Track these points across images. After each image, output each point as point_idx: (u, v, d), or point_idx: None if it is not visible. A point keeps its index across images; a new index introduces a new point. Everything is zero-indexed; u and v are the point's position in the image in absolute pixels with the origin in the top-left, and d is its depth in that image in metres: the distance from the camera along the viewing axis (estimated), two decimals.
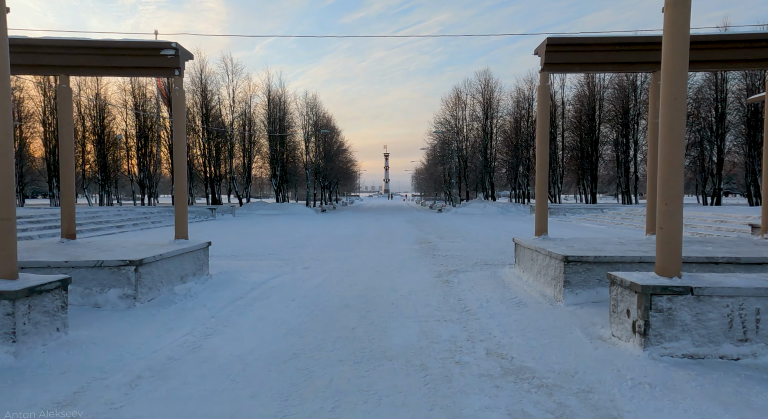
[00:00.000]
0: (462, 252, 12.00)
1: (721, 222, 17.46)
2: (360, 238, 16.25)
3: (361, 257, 11.15)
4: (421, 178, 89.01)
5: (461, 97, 47.33)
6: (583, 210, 28.45)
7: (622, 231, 18.58)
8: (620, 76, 39.55)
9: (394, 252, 12.20)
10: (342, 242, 14.92)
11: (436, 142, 53.38)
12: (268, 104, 42.87)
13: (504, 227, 21.53)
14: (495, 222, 26.38)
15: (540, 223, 8.26)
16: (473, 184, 49.61)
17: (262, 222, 27.13)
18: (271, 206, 40.58)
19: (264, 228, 21.31)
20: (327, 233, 18.64)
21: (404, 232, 18.89)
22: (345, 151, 59.42)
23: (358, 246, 13.53)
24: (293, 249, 12.96)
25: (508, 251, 12.14)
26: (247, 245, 13.88)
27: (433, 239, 15.78)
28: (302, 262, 10.24)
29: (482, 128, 46.50)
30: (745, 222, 15.70)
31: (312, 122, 44.45)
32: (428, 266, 9.66)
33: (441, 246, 13.44)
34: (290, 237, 16.80)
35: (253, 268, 9.32)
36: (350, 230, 20.28)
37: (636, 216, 22.96)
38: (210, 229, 20.74)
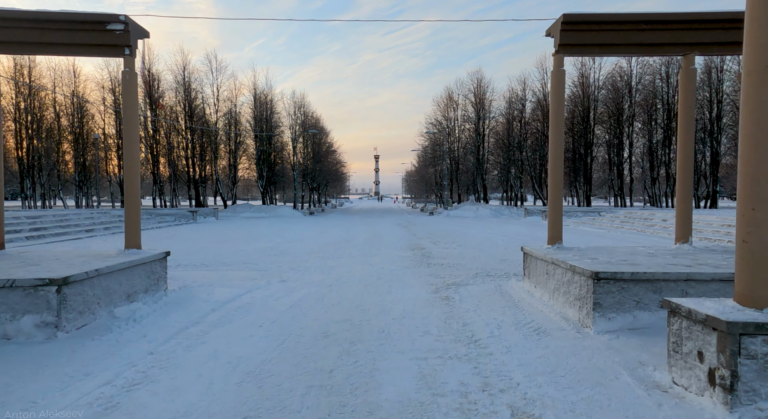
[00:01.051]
0: (459, 260, 10.86)
1: (728, 226, 16.56)
2: (348, 244, 15.04)
3: (348, 266, 9.94)
4: (411, 180, 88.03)
5: (453, 98, 46.40)
6: (579, 214, 27.55)
7: (626, 236, 17.61)
8: (614, 77, 38.92)
9: (385, 260, 11.02)
10: (328, 248, 13.70)
11: (428, 144, 52.41)
12: (254, 103, 41.48)
13: (500, 231, 20.47)
14: (489, 225, 25.33)
15: (554, 230, 7.14)
16: (465, 186, 48.65)
17: (246, 225, 25.78)
18: (257, 208, 39.18)
19: (246, 233, 19.99)
20: (313, 238, 17.40)
21: (395, 237, 17.72)
22: (334, 151, 58.17)
23: (346, 254, 12.32)
24: (273, 256, 11.71)
25: (509, 259, 11.03)
26: (222, 252, 12.59)
27: (426, 245, 14.62)
28: (280, 273, 9.00)
29: (474, 129, 45.58)
30: None
31: (300, 122, 43.15)
32: (423, 278, 8.49)
33: (435, 253, 12.28)
34: (272, 242, 15.53)
35: (222, 281, 8.07)
36: (338, 234, 19.06)
37: (636, 220, 22.06)
38: (186, 234, 19.37)
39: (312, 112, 47.12)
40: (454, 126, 46.87)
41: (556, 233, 7.09)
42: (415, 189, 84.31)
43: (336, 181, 71.96)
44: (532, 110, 43.26)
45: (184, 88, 38.36)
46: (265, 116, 42.16)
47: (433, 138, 50.15)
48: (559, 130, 7.12)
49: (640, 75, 36.78)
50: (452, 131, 46.74)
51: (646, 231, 18.86)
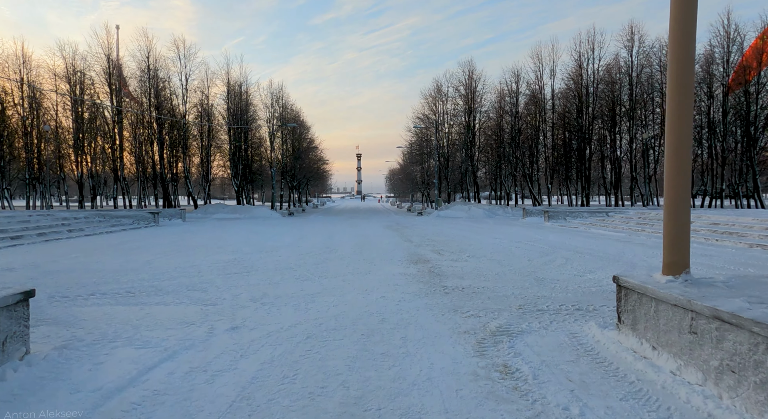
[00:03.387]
0: (482, 281, 8.12)
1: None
2: (332, 254, 12.16)
3: (334, 295, 7.09)
4: (395, 178, 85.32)
5: (442, 90, 43.77)
6: (585, 214, 25.20)
7: (655, 241, 15.14)
8: (611, 72, 36.81)
9: (384, 282, 8.20)
10: (307, 261, 10.80)
11: (414, 140, 49.74)
12: (227, 94, 38.10)
13: (507, 235, 17.85)
14: (489, 228, 22.75)
15: (677, 249, 4.41)
16: (454, 184, 46.14)
17: (215, 228, 22.64)
18: (230, 209, 35.90)
19: (211, 238, 16.92)
20: (289, 246, 14.47)
21: (389, 244, 14.92)
22: (315, 148, 55.00)
23: (331, 271, 9.45)
24: (233, 276, 8.78)
25: (547, 278, 8.34)
26: (167, 269, 9.59)
27: (429, 256, 11.85)
28: (234, 310, 6.10)
29: (465, 124, 43.06)
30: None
31: (278, 115, 39.89)
32: (449, 316, 5.71)
33: (446, 270, 9.52)
34: (238, 252, 12.56)
35: (139, 330, 5.15)
36: (320, 241, 16.15)
37: (654, 222, 19.72)
38: (135, 241, 16.20)
39: (291, 104, 43.95)
40: (443, 120, 44.28)
41: (680, 255, 4.36)
42: (400, 188, 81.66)
43: (317, 179, 68.77)
44: (525, 104, 40.98)
45: (149, 77, 34.77)
46: (240, 109, 38.80)
47: (420, 134, 47.51)
48: (687, 86, 4.39)
49: (642, 66, 34.73)
50: (441, 126, 44.14)
51: None
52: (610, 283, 7.95)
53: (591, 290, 7.39)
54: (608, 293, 7.14)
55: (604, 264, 10.10)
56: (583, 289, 7.43)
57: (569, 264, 10.11)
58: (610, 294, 7.02)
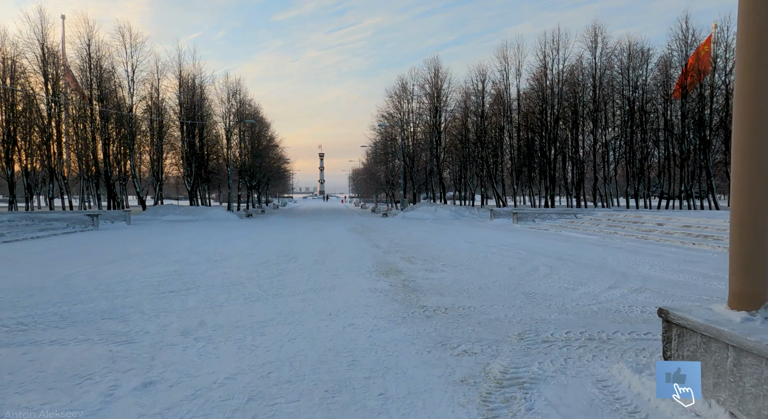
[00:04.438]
0: (466, 299, 6.97)
1: None
2: (290, 264, 10.73)
3: (289, 323, 5.73)
4: (359, 178, 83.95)
5: (408, 88, 42.80)
6: (554, 215, 24.78)
7: (639, 246, 14.57)
8: (574, 73, 36.96)
9: (351, 301, 6.89)
10: (261, 275, 9.34)
11: (379, 139, 48.58)
12: (179, 87, 35.57)
13: (479, 239, 16.93)
14: (458, 230, 21.85)
15: (752, 276, 3.31)
16: (419, 184, 45.30)
17: (162, 232, 20.60)
18: (183, 210, 33.52)
19: (154, 245, 15.06)
20: (243, 253, 12.89)
21: (355, 250, 13.60)
22: (276, 146, 52.83)
23: (288, 287, 8.05)
24: (168, 296, 7.23)
25: (537, 293, 7.29)
26: (86, 286, 7.89)
27: (401, 265, 10.63)
28: (154, 351, 4.63)
29: (431, 123, 42.29)
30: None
31: (235, 111, 37.68)
32: (436, 354, 4.49)
33: (423, 283, 8.32)
34: (182, 262, 10.91)
35: (5, 397, 3.62)
36: (278, 247, 14.63)
37: (625, 224, 19.37)
38: (64, 249, 14.14)
39: (250, 100, 41.75)
40: (408, 119, 43.34)
41: (757, 283, 3.27)
42: (364, 188, 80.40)
43: (278, 179, 66.43)
44: (491, 104, 40.64)
45: (90, 66, 31.85)
46: (194, 104, 36.35)
47: (385, 133, 46.38)
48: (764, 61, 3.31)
49: (604, 67, 34.98)
50: (406, 125, 43.18)
51: (648, 238, 16.05)
52: (608, 299, 7.00)
53: (591, 309, 6.37)
54: (612, 313, 6.14)
55: (591, 274, 9.20)
56: (583, 309, 6.41)
57: (555, 275, 9.15)
58: (615, 315, 6.03)
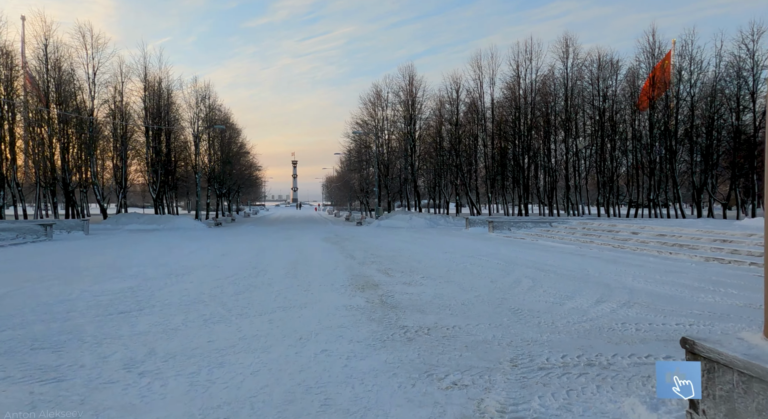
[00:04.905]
0: (450, 316, 6.45)
1: None
2: (259, 278, 9.99)
3: (253, 351, 5.05)
4: (333, 186, 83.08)
5: (382, 95, 42.50)
6: (529, 224, 24.70)
7: (618, 256, 14.41)
8: (546, 83, 37.45)
9: (324, 322, 6.26)
10: (225, 291, 8.58)
11: (353, 146, 48.04)
12: (144, 91, 34.14)
13: (457, 249, 16.52)
14: (434, 239, 21.45)
15: None
16: (393, 192, 44.91)
17: (123, 243, 19.39)
18: (148, 219, 32.02)
19: (111, 257, 13.99)
20: (208, 266, 12.04)
21: (328, 262, 12.93)
22: (247, 153, 51.54)
23: (252, 306, 7.34)
24: (116, 318, 6.42)
25: (525, 309, 6.83)
26: (22, 307, 6.97)
27: (377, 278, 10.05)
28: (87, 392, 3.87)
29: (406, 131, 42.06)
30: None
31: (203, 116, 36.44)
32: (422, 387, 3.92)
33: (402, 299, 7.76)
34: (140, 277, 10.00)
35: None
36: (246, 258, 13.81)
37: (601, 233, 19.36)
38: (7, 263, 12.92)
39: (219, 105, 40.52)
40: (383, 126, 42.97)
41: None
42: (337, 196, 79.55)
43: (250, 186, 64.88)
44: (465, 113, 40.74)
45: (47, 67, 30.18)
46: (161, 108, 34.95)
47: (359, 140, 45.88)
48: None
49: (575, 78, 35.56)
50: (381, 132, 42.82)
51: (625, 247, 15.98)
52: (598, 315, 6.60)
53: (583, 327, 5.94)
54: (606, 332, 5.72)
55: (576, 287, 8.84)
56: (575, 327, 5.97)
57: (539, 288, 8.74)
58: (610, 335, 5.61)
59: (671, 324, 6.09)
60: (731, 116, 32.54)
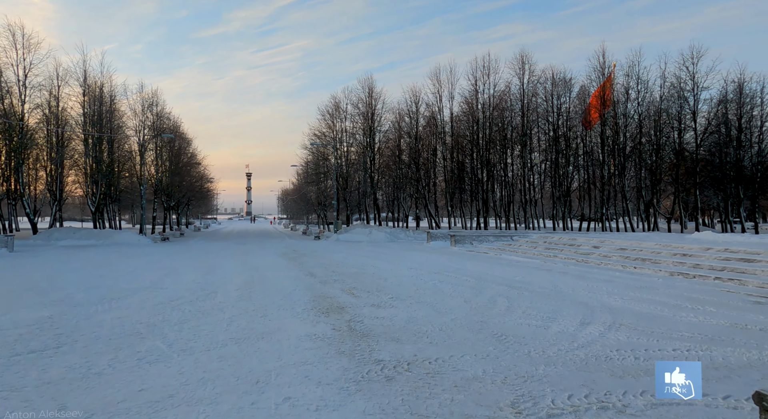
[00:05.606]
0: (430, 346, 5.71)
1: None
2: (208, 302, 8.85)
3: (197, 403, 4.07)
4: (289, 199, 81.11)
5: (341, 107, 41.84)
6: (491, 238, 24.57)
7: (584, 271, 14.22)
8: (503, 99, 38.16)
9: (285, 359, 5.34)
10: (168, 319, 7.43)
11: (311, 158, 46.94)
12: (84, 96, 31.69)
13: (419, 263, 15.88)
14: (397, 254, 20.78)
15: None
16: (353, 206, 44.08)
17: (50, 261, 17.40)
18: (85, 234, 29.47)
19: (32, 279, 12.28)
20: (150, 288, 10.71)
21: (287, 281, 11.90)
22: (198, 164, 49.19)
23: (199, 339, 6.28)
24: (24, 359, 5.21)
25: (510, 335, 6.22)
26: None
27: (343, 299, 9.17)
28: None
29: (365, 143, 41.53)
30: None
31: (150, 124, 34.28)
32: None
33: (373, 325, 6.94)
34: (65, 303, 8.61)
35: None
36: (194, 277, 12.52)
37: (564, 247, 19.37)
38: None
39: (168, 113, 38.39)
40: (342, 138, 42.25)
41: None
42: (294, 209, 77.69)
43: (201, 199, 61.99)
44: (424, 126, 40.76)
45: None
46: (102, 115, 32.53)
47: (317, 152, 44.86)
48: None
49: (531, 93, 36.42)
50: (340, 144, 42.05)
51: (588, 262, 15.92)
52: (588, 340, 6.08)
53: (578, 357, 5.36)
54: (605, 362, 5.17)
55: (554, 306, 8.36)
56: (569, 356, 5.38)
57: (517, 308, 8.19)
58: (610, 366, 5.06)
59: (668, 349, 5.63)
60: (673, 133, 34.32)
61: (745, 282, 10.64)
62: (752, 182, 32.41)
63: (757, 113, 31.96)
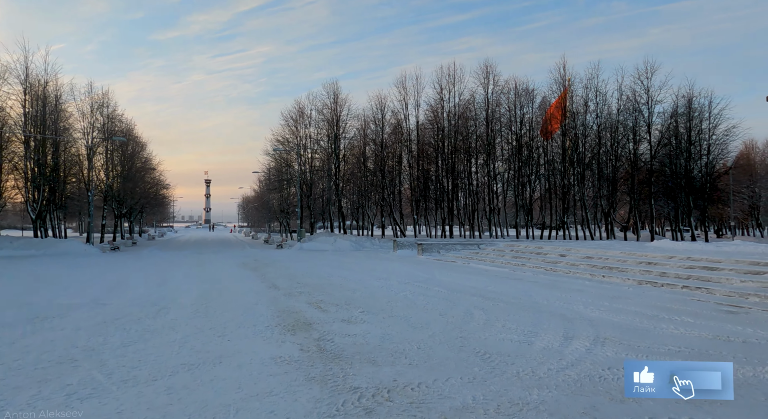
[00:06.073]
0: (409, 368, 5.17)
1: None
2: (158, 320, 7.96)
3: None
4: (250, 206, 78.92)
5: (305, 112, 41.00)
6: (458, 247, 24.40)
7: (551, 279, 14.09)
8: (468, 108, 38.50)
9: (247, 391, 4.64)
10: (109, 341, 6.54)
11: (273, 165, 45.69)
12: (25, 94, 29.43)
13: (389, 273, 15.35)
14: (363, 263, 20.17)
15: None
16: (317, 213, 43.14)
17: None
18: (24, 243, 27.22)
19: None
20: (92, 303, 9.64)
21: (247, 293, 11.06)
22: (153, 170, 46.87)
23: (143, 366, 5.46)
24: None
25: (487, 351, 5.79)
26: None
27: (309, 313, 8.48)
28: None
29: (330, 150, 40.81)
30: None
31: (99, 126, 32.26)
32: None
33: (344, 344, 6.33)
34: None
35: None
36: (144, 291, 11.46)
37: (531, 255, 19.36)
38: None
39: (120, 115, 36.33)
40: (306, 144, 41.34)
41: None
42: (255, 217, 75.57)
43: (156, 206, 59.17)
44: (390, 134, 40.52)
45: None
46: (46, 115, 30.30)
47: (279, 158, 43.73)
48: None
49: (496, 103, 36.90)
50: (304, 151, 41.14)
51: (557, 270, 15.88)
52: (576, 358, 5.72)
53: (571, 377, 4.95)
54: (600, 384, 4.78)
55: (533, 319, 8.01)
56: (561, 377, 4.96)
57: (495, 322, 7.78)
58: (607, 387, 4.67)
59: None
60: (629, 145, 35.62)
61: (712, 290, 10.73)
62: (702, 192, 33.99)
63: (705, 126, 33.63)
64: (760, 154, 52.71)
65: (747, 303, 9.31)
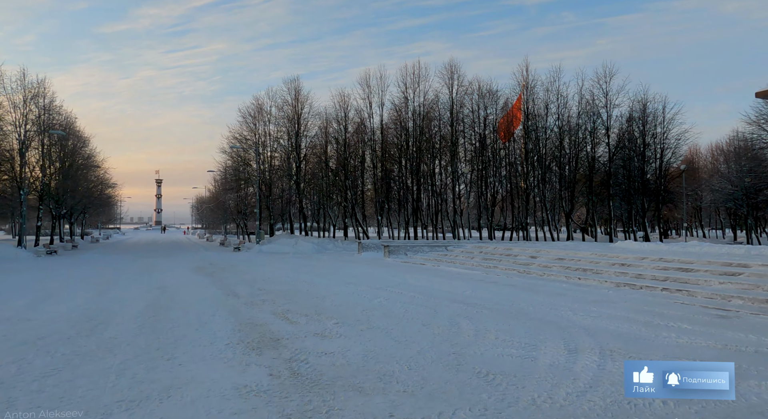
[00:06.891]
0: (403, 396, 4.33)
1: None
2: (94, 337, 6.68)
3: None
4: (205, 207, 75.50)
5: (265, 109, 39.30)
6: (425, 248, 23.77)
7: (528, 282, 13.60)
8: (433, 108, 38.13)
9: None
10: (27, 368, 5.26)
11: (230, 164, 43.60)
12: None
13: (357, 278, 14.41)
14: (329, 267, 19.13)
15: None
16: (277, 214, 41.48)
17: None
18: None
19: None
20: (13, 318, 8.15)
21: (203, 302, 9.81)
22: (97, 167, 43.59)
23: (69, 401, 4.29)
24: None
25: (488, 371, 5.01)
26: None
27: (276, 326, 7.43)
28: None
29: (291, 148, 39.32)
30: None
31: (34, 118, 29.37)
32: None
33: (320, 364, 5.37)
34: None
35: None
36: (80, 301, 9.96)
37: (502, 257, 18.95)
38: None
39: (59, 107, 33.33)
40: (266, 142, 39.63)
41: None
42: (210, 218, 72.33)
43: (101, 206, 55.26)
44: (353, 133, 39.53)
45: None
46: None
47: (237, 157, 41.74)
48: None
49: (461, 104, 36.70)
50: (263, 149, 39.41)
51: (530, 273, 15.48)
52: (590, 376, 5.05)
53: (598, 405, 4.24)
54: (627, 409, 4.07)
55: (526, 328, 7.34)
56: (588, 405, 4.24)
57: (486, 333, 7.05)
58: (636, 415, 3.96)
59: None
60: (587, 147, 36.40)
61: (693, 293, 10.50)
62: (656, 194, 35.15)
63: (659, 130, 34.83)
64: (702, 158, 55.67)
65: (732, 306, 9.07)
